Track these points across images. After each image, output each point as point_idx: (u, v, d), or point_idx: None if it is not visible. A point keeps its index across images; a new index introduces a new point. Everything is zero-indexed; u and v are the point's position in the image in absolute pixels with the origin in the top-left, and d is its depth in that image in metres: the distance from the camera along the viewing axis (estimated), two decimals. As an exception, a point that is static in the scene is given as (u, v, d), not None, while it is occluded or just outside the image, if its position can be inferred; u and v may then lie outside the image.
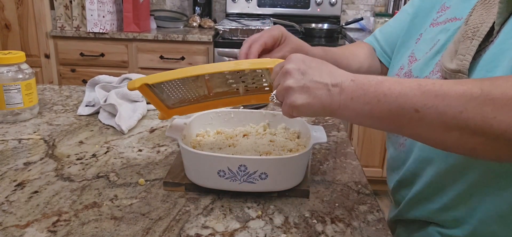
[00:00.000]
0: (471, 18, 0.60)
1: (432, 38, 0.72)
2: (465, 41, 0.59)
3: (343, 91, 0.52)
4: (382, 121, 0.51)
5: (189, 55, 2.30)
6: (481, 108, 0.45)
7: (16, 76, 0.93)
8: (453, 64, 0.59)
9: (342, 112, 0.53)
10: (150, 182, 0.70)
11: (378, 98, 0.50)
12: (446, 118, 0.46)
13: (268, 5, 2.62)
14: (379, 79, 0.51)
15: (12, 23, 2.44)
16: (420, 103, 0.47)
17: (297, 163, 0.65)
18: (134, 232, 0.56)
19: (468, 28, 0.59)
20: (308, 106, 0.53)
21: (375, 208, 0.65)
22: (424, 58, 0.70)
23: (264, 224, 0.59)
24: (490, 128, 0.44)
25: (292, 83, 0.53)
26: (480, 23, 0.58)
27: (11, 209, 0.61)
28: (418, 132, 0.50)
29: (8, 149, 0.81)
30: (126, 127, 0.90)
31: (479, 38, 0.57)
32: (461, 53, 0.58)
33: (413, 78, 0.53)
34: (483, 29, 0.57)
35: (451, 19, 0.71)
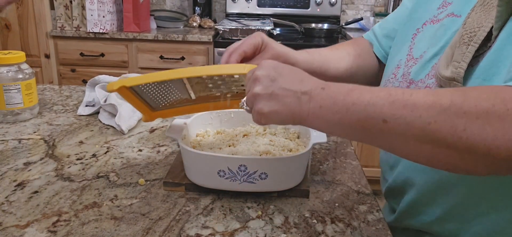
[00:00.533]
0: (468, 20, 0.57)
1: (431, 36, 0.69)
2: (461, 47, 0.56)
3: (312, 100, 0.51)
4: (352, 130, 0.50)
5: (189, 55, 2.30)
6: (451, 120, 0.43)
7: (16, 76, 0.93)
8: (448, 71, 0.57)
9: (311, 121, 0.51)
10: (150, 182, 0.70)
11: (347, 107, 0.49)
12: (415, 130, 0.45)
13: (268, 5, 2.62)
14: (349, 88, 0.50)
15: (12, 23, 2.44)
16: (388, 113, 0.46)
17: (297, 163, 0.65)
18: (134, 232, 0.56)
19: (464, 32, 0.56)
20: (276, 114, 0.52)
21: (375, 208, 0.65)
22: (421, 60, 0.68)
23: (264, 224, 0.59)
24: (460, 141, 0.43)
25: (260, 90, 0.52)
26: (477, 27, 0.55)
27: (11, 209, 0.61)
28: (389, 143, 0.49)
29: (8, 149, 0.81)
30: (126, 127, 0.90)
31: (475, 43, 0.54)
32: (456, 60, 0.56)
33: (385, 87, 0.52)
34: (480, 34, 0.54)
35: (449, 15, 0.67)
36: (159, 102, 0.70)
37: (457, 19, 0.65)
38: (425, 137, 0.45)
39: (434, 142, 0.44)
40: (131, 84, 0.62)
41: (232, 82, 0.67)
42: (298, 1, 2.60)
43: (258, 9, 2.63)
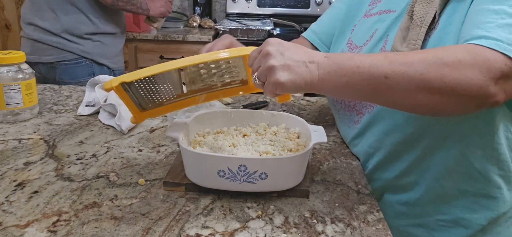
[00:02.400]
0: (416, 9, 0.71)
1: (369, 27, 0.83)
2: (415, 29, 0.70)
3: (320, 67, 0.58)
4: (358, 90, 0.58)
5: (189, 55, 2.29)
6: (439, 69, 0.54)
7: (16, 76, 0.93)
8: (405, 48, 0.70)
9: (321, 86, 0.58)
10: (150, 182, 0.70)
11: (352, 70, 0.57)
12: (412, 80, 0.55)
13: (268, 5, 2.62)
14: (350, 55, 0.59)
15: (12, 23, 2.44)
16: (389, 70, 0.55)
17: (297, 163, 0.65)
18: (134, 232, 0.56)
19: (416, 17, 0.70)
20: (291, 82, 0.58)
21: (375, 208, 0.65)
22: (367, 46, 0.81)
23: (264, 224, 0.59)
24: (445, 85, 0.54)
25: (274, 62, 0.58)
26: (424, 13, 0.69)
27: (11, 209, 0.61)
28: (391, 97, 0.58)
29: (8, 149, 0.81)
30: (126, 126, 0.90)
31: (426, 25, 0.69)
32: (412, 38, 0.70)
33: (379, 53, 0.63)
34: (428, 18, 0.69)
35: (385, 11, 0.82)
36: (150, 100, 0.69)
37: (393, 14, 0.80)
38: (420, 86, 0.55)
39: (428, 89, 0.55)
40: (130, 79, 0.61)
41: (226, 70, 0.68)
42: (298, 1, 2.60)
43: (258, 9, 2.63)
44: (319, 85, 0.58)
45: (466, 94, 0.54)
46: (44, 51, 1.56)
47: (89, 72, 1.61)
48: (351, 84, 0.57)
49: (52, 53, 1.56)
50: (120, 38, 1.72)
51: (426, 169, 0.73)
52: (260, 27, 2.24)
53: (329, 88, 0.59)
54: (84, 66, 1.61)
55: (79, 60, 1.59)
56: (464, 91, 0.54)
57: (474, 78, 0.53)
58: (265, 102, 1.12)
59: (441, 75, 0.54)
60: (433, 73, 0.54)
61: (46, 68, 1.58)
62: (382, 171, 0.79)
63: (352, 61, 0.57)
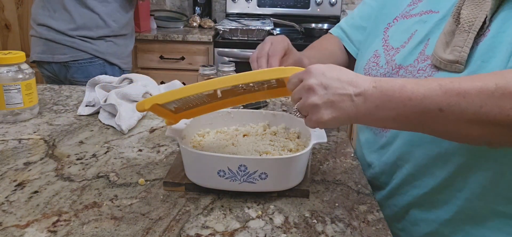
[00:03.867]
0: (463, 13, 0.65)
1: (408, 28, 0.76)
2: (462, 34, 0.64)
3: (367, 100, 0.53)
4: (408, 123, 0.54)
5: (189, 55, 2.30)
6: (499, 101, 0.49)
7: (16, 76, 0.93)
8: (449, 55, 0.64)
9: (367, 119, 0.55)
10: (150, 182, 0.70)
11: (404, 104, 0.52)
12: (469, 114, 0.50)
13: (268, 5, 2.62)
14: (400, 83, 0.53)
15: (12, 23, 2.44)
16: (444, 103, 0.51)
17: (297, 163, 0.65)
18: (134, 232, 0.56)
19: (463, 22, 0.64)
20: (334, 120, 0.54)
21: (375, 208, 0.65)
22: (405, 48, 0.74)
23: (264, 224, 0.59)
24: (507, 118, 0.49)
25: (317, 100, 0.54)
26: (473, 18, 0.63)
27: (11, 209, 0.61)
28: (443, 129, 0.53)
29: (8, 149, 0.81)
30: (126, 126, 0.90)
31: (474, 31, 0.62)
32: (458, 45, 0.63)
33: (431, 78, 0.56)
34: (477, 23, 0.63)
35: (426, 12, 0.75)
36: (185, 106, 0.69)
37: (436, 15, 0.73)
38: (477, 119, 0.50)
39: (485, 122, 0.50)
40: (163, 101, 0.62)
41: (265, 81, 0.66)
42: (298, 1, 2.60)
43: (258, 9, 2.63)
44: (364, 119, 0.55)
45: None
46: (57, 50, 1.59)
47: (101, 71, 1.64)
48: (401, 118, 0.53)
49: (66, 52, 1.59)
50: (130, 39, 1.77)
51: (460, 188, 0.67)
52: (260, 27, 2.24)
53: (375, 121, 0.55)
54: (97, 65, 1.64)
55: (92, 60, 1.62)
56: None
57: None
58: (265, 102, 1.12)
59: (502, 109, 0.49)
60: (492, 106, 0.49)
61: (59, 67, 1.61)
62: (410, 186, 0.73)
63: (404, 92, 0.52)
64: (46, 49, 1.59)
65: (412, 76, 0.70)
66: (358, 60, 0.87)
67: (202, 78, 1.05)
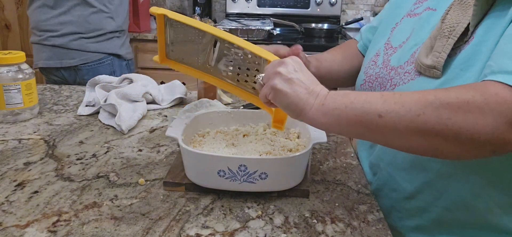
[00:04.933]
0: (447, 17, 0.64)
1: (408, 28, 0.76)
2: (441, 39, 0.62)
3: (318, 97, 0.57)
4: (350, 126, 0.55)
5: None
6: (437, 111, 0.49)
7: (16, 76, 0.93)
8: (428, 60, 0.63)
9: (312, 115, 0.56)
10: (150, 182, 0.70)
11: (345, 105, 0.55)
12: (406, 121, 0.51)
13: (268, 5, 2.62)
14: (346, 91, 0.57)
15: (12, 23, 2.44)
16: (382, 109, 0.52)
17: (297, 163, 0.65)
18: (134, 232, 0.56)
19: (444, 27, 0.63)
20: (284, 95, 0.56)
21: (375, 208, 0.65)
22: (403, 48, 0.74)
23: (264, 224, 0.59)
24: (446, 129, 0.49)
25: (282, 70, 0.57)
26: (456, 23, 0.62)
27: (11, 209, 0.61)
28: (384, 137, 0.54)
29: (8, 149, 0.81)
30: (126, 126, 0.90)
31: (454, 37, 0.61)
32: (437, 50, 0.62)
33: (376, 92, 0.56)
34: (458, 29, 0.61)
35: (426, 9, 0.75)
36: (178, 51, 0.72)
37: (433, 12, 0.72)
38: (415, 128, 0.51)
39: (424, 132, 0.51)
40: (173, 16, 0.67)
41: (252, 68, 0.67)
42: (298, 1, 2.60)
43: (258, 9, 2.63)
44: (309, 114, 0.56)
45: (474, 139, 0.48)
46: (66, 55, 1.58)
47: (110, 70, 1.66)
48: (342, 119, 0.55)
49: (74, 56, 1.58)
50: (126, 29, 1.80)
51: (439, 196, 0.67)
52: (260, 27, 2.24)
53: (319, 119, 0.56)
54: (106, 65, 1.65)
55: (101, 61, 1.63)
56: (471, 137, 0.48)
57: (483, 122, 0.47)
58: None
59: (439, 118, 0.49)
60: (430, 115, 0.49)
61: (69, 71, 1.61)
62: (391, 190, 0.74)
63: (347, 96, 0.55)
64: (53, 55, 1.58)
65: (399, 78, 0.70)
66: (365, 59, 0.87)
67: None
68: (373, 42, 0.87)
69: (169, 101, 1.08)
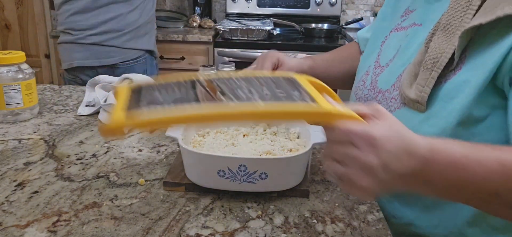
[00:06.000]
0: (431, 45, 0.60)
1: (395, 44, 0.73)
2: (425, 72, 0.59)
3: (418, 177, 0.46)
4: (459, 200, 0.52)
5: (189, 55, 2.29)
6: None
7: (16, 76, 0.93)
8: (412, 92, 0.61)
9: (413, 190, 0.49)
10: (150, 182, 0.70)
11: (458, 188, 0.47)
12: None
13: (268, 5, 2.62)
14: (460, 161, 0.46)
15: (12, 23, 2.44)
16: (502, 187, 0.46)
17: (297, 163, 0.65)
18: (134, 232, 0.56)
19: (428, 58, 0.59)
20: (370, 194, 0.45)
21: (375, 208, 0.65)
22: (388, 69, 0.72)
23: (264, 224, 0.59)
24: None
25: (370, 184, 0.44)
26: (439, 53, 0.58)
27: (11, 209, 0.61)
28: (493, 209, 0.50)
29: (8, 149, 0.81)
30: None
31: (438, 70, 0.58)
32: (420, 84, 0.59)
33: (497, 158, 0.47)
34: (442, 60, 0.58)
35: (412, 24, 0.71)
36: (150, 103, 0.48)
37: (419, 28, 0.69)
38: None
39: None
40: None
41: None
42: (298, 1, 2.60)
43: (258, 9, 2.63)
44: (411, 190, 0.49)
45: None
46: (105, 53, 1.61)
47: (143, 69, 1.72)
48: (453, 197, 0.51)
49: (114, 54, 1.62)
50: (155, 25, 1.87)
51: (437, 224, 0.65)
52: (260, 27, 2.24)
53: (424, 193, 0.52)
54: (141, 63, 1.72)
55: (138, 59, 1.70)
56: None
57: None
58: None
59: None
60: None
61: (105, 70, 1.63)
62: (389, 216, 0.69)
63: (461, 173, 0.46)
64: (90, 54, 1.61)
65: (386, 104, 0.68)
66: (356, 75, 0.85)
67: (202, 78, 1.05)
68: (364, 56, 0.85)
69: (169, 101, 1.08)
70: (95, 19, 1.58)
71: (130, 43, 1.65)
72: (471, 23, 0.55)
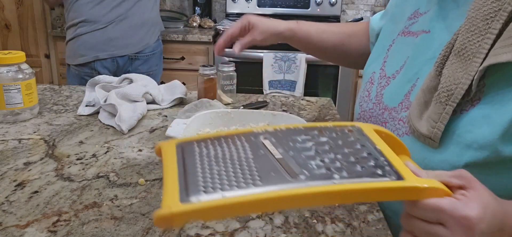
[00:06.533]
0: (444, 73, 0.54)
1: (403, 52, 0.68)
2: (438, 106, 0.54)
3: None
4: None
5: (189, 56, 2.29)
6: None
7: (16, 76, 0.93)
8: (423, 126, 0.56)
9: None
10: (150, 182, 0.70)
11: None
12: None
13: (268, 5, 2.62)
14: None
15: (12, 23, 2.44)
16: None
17: (297, 163, 0.64)
18: (134, 232, 0.56)
19: (441, 89, 0.54)
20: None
21: (375, 208, 0.65)
22: (394, 82, 0.67)
23: (264, 224, 0.59)
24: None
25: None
26: (454, 84, 0.52)
27: (11, 209, 0.61)
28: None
29: (8, 149, 0.81)
30: (126, 126, 0.90)
31: (453, 103, 0.52)
32: (433, 119, 0.54)
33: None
34: (458, 92, 0.52)
35: (421, 32, 0.66)
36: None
37: (427, 35, 0.64)
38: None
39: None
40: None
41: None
42: (298, 1, 2.60)
43: (258, 9, 2.63)
44: None
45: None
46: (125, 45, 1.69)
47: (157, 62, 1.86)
48: None
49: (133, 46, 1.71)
50: None
51: None
52: (260, 27, 2.24)
53: None
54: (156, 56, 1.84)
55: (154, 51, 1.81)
56: None
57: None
58: (265, 102, 1.12)
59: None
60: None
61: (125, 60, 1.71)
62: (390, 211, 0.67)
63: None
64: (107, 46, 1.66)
65: (393, 125, 0.64)
66: (363, 77, 0.81)
67: (202, 78, 1.05)
68: (372, 55, 0.80)
69: (169, 101, 1.08)
70: (115, 10, 1.63)
71: (148, 35, 1.73)
72: (500, 58, 0.48)
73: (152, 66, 1.83)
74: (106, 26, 1.64)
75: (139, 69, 1.75)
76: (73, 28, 1.66)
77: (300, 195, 0.36)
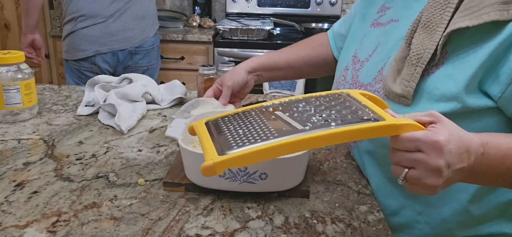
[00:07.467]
0: (414, 42, 0.63)
1: (374, 40, 0.77)
2: (409, 67, 0.63)
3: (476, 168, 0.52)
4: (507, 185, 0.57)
5: (189, 55, 2.29)
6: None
7: (16, 76, 0.93)
8: (397, 87, 0.64)
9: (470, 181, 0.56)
10: (150, 182, 0.70)
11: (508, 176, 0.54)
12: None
13: (268, 4, 2.61)
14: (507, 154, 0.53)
15: (11, 23, 2.44)
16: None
17: (297, 163, 0.65)
18: (134, 232, 0.56)
19: (412, 54, 0.63)
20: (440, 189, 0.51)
21: (375, 208, 0.65)
22: (368, 64, 0.75)
23: (264, 224, 0.59)
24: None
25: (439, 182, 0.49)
26: (422, 49, 0.62)
27: (11, 209, 0.61)
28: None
29: (8, 149, 0.81)
30: (125, 126, 0.90)
31: (422, 65, 0.61)
32: (405, 79, 0.63)
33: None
34: (426, 56, 0.61)
35: (390, 21, 0.75)
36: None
37: (396, 24, 0.72)
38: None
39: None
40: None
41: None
42: (298, 1, 2.60)
43: (258, 8, 2.62)
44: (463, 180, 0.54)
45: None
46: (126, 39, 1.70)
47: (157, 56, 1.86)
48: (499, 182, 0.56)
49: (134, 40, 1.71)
50: None
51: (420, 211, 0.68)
52: (260, 27, 2.24)
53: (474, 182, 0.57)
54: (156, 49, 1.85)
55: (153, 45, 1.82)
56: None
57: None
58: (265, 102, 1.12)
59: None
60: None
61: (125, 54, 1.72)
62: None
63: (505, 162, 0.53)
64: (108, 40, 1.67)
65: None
66: (336, 70, 0.89)
67: (201, 78, 1.05)
68: (343, 52, 0.88)
69: (168, 101, 1.08)
70: (115, 4, 1.64)
71: (148, 28, 1.74)
72: (458, 24, 0.58)
73: (151, 60, 1.83)
74: (106, 20, 1.63)
75: (139, 63, 1.76)
76: (72, 23, 1.64)
77: (308, 139, 0.47)
